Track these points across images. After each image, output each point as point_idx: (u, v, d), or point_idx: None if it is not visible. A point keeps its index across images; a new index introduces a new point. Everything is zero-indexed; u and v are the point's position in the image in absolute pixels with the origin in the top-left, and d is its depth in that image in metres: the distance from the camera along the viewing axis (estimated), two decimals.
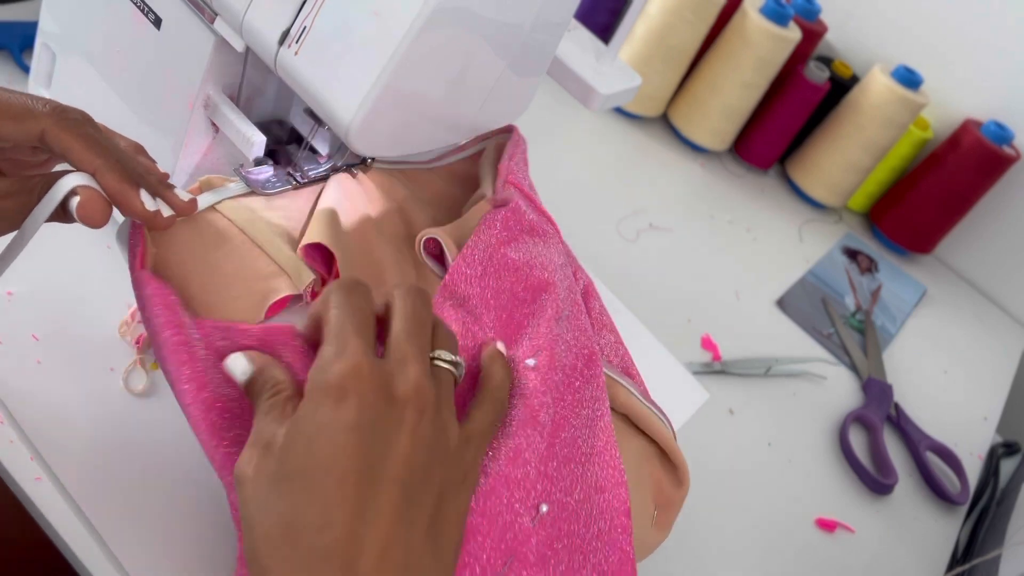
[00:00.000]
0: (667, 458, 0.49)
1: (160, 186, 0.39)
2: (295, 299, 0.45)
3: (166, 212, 0.39)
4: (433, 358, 0.35)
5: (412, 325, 0.34)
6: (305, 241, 0.45)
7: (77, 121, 0.37)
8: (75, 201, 0.36)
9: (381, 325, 0.36)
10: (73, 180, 0.36)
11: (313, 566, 0.29)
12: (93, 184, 0.36)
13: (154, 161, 0.41)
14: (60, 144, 0.36)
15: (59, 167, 0.39)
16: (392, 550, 0.30)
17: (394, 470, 0.31)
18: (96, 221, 0.36)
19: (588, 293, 0.54)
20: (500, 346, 0.42)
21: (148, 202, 0.37)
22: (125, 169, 0.37)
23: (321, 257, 0.46)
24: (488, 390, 0.38)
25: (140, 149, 0.41)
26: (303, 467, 0.30)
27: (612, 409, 0.48)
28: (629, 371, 0.51)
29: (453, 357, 0.36)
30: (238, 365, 0.35)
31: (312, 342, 0.36)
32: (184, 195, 0.40)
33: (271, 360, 0.35)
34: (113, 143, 0.38)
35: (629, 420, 0.49)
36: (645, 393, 0.50)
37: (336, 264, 0.46)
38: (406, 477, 0.31)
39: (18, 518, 0.44)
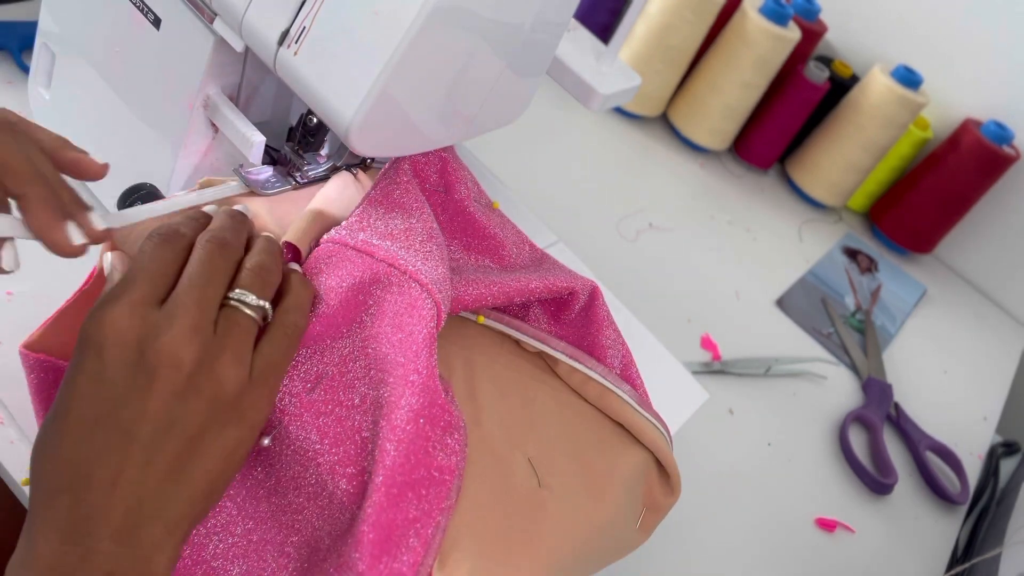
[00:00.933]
0: (662, 465, 0.49)
1: (74, 206, 0.36)
2: None
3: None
4: (228, 299, 0.35)
5: (198, 271, 0.35)
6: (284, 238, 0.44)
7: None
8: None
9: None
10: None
11: (53, 493, 0.32)
12: (14, 229, 0.35)
13: (84, 152, 0.38)
14: None
15: None
16: (123, 488, 0.32)
17: (135, 424, 0.32)
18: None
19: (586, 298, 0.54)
20: (295, 267, 0.40)
21: (75, 235, 0.36)
22: (54, 198, 0.35)
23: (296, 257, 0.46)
24: (277, 315, 0.36)
25: (66, 143, 0.38)
26: (59, 406, 0.33)
27: (609, 418, 0.48)
28: (628, 373, 0.51)
29: (256, 301, 0.35)
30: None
31: None
32: (98, 222, 0.37)
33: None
34: (28, 160, 0.35)
35: (626, 430, 0.48)
36: (644, 398, 0.50)
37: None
38: (147, 430, 0.33)
39: (18, 518, 0.44)
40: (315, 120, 0.49)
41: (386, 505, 0.36)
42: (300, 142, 0.50)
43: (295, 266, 0.40)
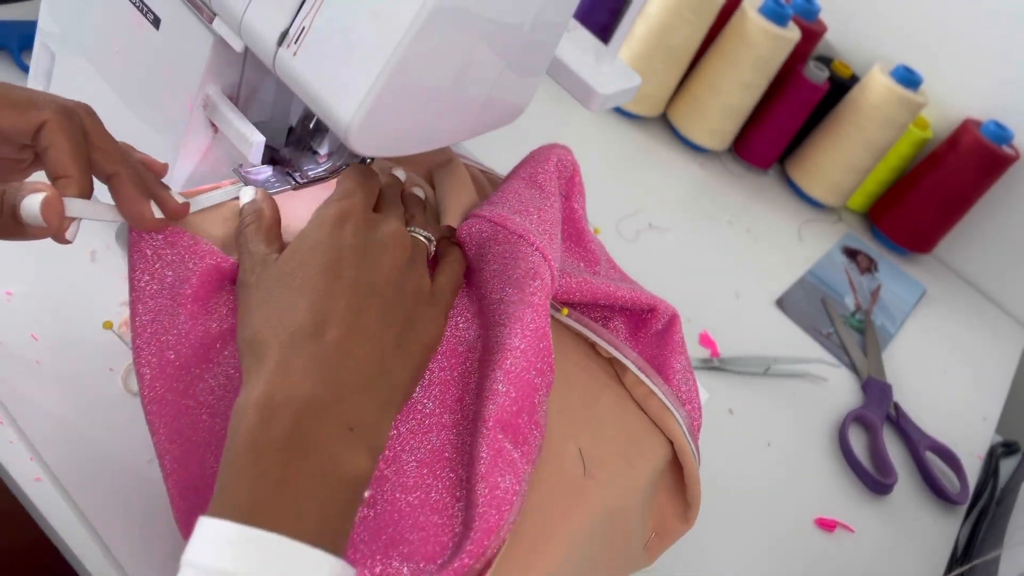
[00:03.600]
0: (682, 491, 0.50)
1: (157, 187, 0.40)
2: None
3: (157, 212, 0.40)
4: (411, 228, 0.44)
5: (389, 205, 0.45)
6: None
7: (78, 121, 0.37)
8: (37, 199, 0.35)
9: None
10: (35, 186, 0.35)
11: (300, 339, 0.35)
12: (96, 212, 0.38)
13: (147, 156, 0.42)
14: (52, 140, 0.36)
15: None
16: (369, 339, 0.37)
17: (378, 282, 0.38)
18: (57, 223, 0.36)
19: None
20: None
21: (157, 211, 0.40)
22: (140, 179, 0.39)
23: None
24: (445, 262, 0.45)
25: (132, 148, 0.42)
26: (302, 269, 0.38)
27: (663, 434, 0.50)
28: (691, 403, 0.52)
29: (428, 234, 0.45)
30: (247, 193, 0.44)
31: None
32: (178, 198, 0.41)
33: (267, 202, 0.43)
34: (117, 146, 0.39)
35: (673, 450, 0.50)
36: (694, 427, 0.52)
37: None
38: (386, 291, 0.39)
39: (18, 518, 0.44)
40: (315, 120, 0.49)
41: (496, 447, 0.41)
42: (299, 142, 0.50)
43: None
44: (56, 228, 0.36)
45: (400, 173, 0.51)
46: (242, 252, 0.41)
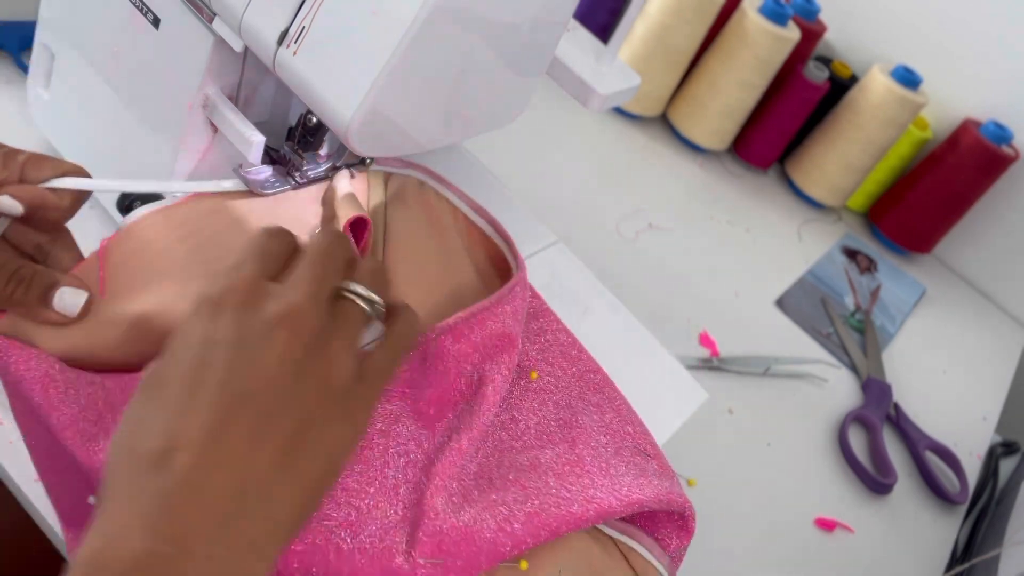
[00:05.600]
0: None
1: (37, 306, 0.36)
2: None
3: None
4: (342, 289, 0.34)
5: (317, 256, 0.34)
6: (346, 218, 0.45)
7: None
8: (83, 297, 0.36)
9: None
10: None
11: (144, 469, 0.28)
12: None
13: (79, 167, 0.38)
14: None
15: None
16: (231, 466, 0.29)
17: (252, 386, 0.30)
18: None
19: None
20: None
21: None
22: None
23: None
24: (391, 333, 0.36)
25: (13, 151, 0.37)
26: (167, 375, 0.30)
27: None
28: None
29: (368, 294, 0.34)
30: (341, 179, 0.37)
31: None
32: (78, 296, 0.37)
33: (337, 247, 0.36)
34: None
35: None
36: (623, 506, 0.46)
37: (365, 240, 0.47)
38: (264, 396, 0.30)
39: (17, 519, 0.44)
40: (314, 120, 0.49)
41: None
42: (299, 142, 0.50)
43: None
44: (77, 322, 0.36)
45: (354, 188, 0.44)
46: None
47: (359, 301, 0.34)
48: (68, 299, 0.35)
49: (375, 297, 0.35)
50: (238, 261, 0.34)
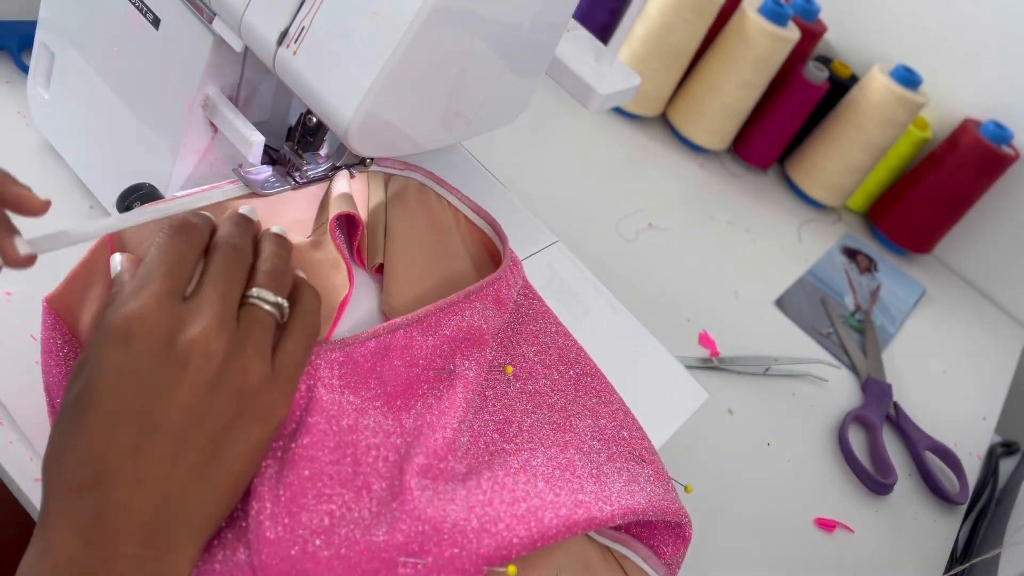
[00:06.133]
0: None
1: (3, 231, 0.35)
2: None
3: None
4: (247, 297, 0.36)
5: (220, 266, 0.36)
6: (334, 211, 0.45)
7: None
8: None
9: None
10: None
11: (75, 491, 0.31)
12: None
13: (28, 188, 0.36)
14: None
15: None
16: (151, 483, 0.32)
17: (165, 416, 0.32)
18: None
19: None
20: (300, 273, 0.41)
21: (22, 246, 0.35)
22: None
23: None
24: (295, 317, 0.38)
25: (9, 177, 0.36)
26: (86, 403, 0.32)
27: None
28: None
29: (273, 298, 0.36)
30: (114, 260, 0.37)
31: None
32: (22, 247, 0.35)
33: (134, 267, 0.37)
34: None
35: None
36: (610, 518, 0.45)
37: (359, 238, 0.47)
38: (177, 424, 0.32)
39: (17, 519, 0.44)
40: (314, 120, 0.49)
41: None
42: (299, 142, 0.50)
43: (300, 273, 0.41)
44: None
45: (250, 210, 0.43)
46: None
47: (265, 306, 0.36)
48: None
49: (279, 300, 0.37)
50: (144, 273, 0.35)
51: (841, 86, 1.06)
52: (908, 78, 0.99)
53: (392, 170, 0.54)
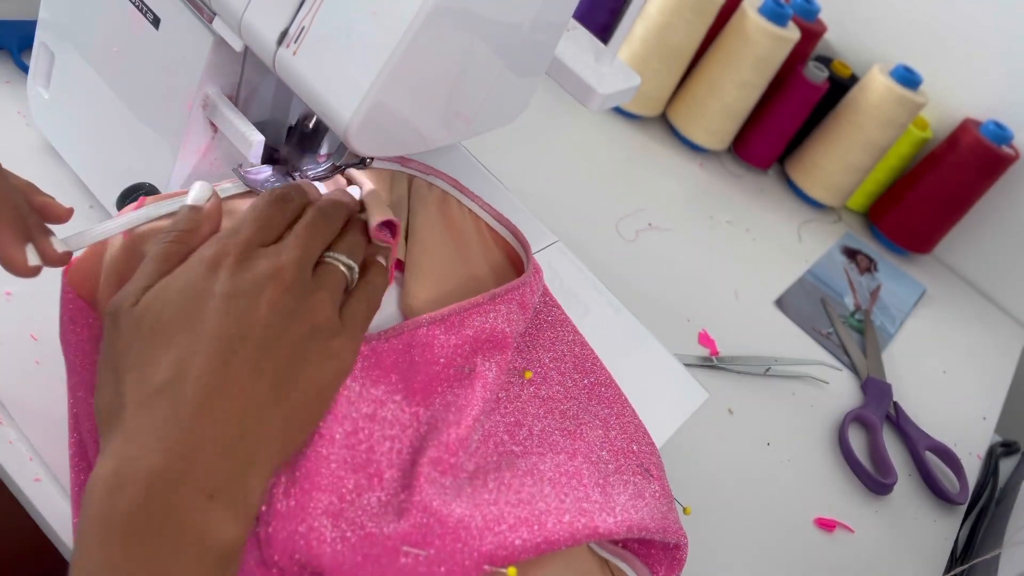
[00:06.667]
0: None
1: (39, 232, 0.38)
2: None
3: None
4: (324, 256, 0.40)
5: (306, 227, 0.39)
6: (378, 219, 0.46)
7: None
8: None
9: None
10: None
11: (156, 398, 0.33)
12: None
13: (51, 197, 0.40)
14: None
15: None
16: (233, 394, 0.33)
17: (247, 329, 0.35)
18: None
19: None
20: (381, 258, 0.44)
21: (32, 257, 0.37)
22: (21, 222, 0.37)
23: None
24: (361, 284, 0.41)
25: (34, 187, 0.39)
26: (164, 319, 0.34)
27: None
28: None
29: (347, 260, 0.40)
30: (192, 191, 0.40)
31: None
32: (58, 246, 0.38)
33: (198, 217, 0.39)
34: (9, 187, 0.37)
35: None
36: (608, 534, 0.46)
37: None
38: (259, 337, 0.35)
39: (17, 519, 0.44)
40: (314, 120, 0.49)
41: None
42: (299, 142, 0.50)
43: (382, 259, 0.44)
44: None
45: (357, 192, 0.47)
46: (138, 272, 0.37)
47: (339, 265, 0.40)
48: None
49: (352, 263, 0.40)
50: (236, 225, 0.38)
51: (841, 86, 1.06)
52: (908, 78, 0.99)
53: (417, 172, 0.54)
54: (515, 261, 0.55)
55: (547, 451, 0.46)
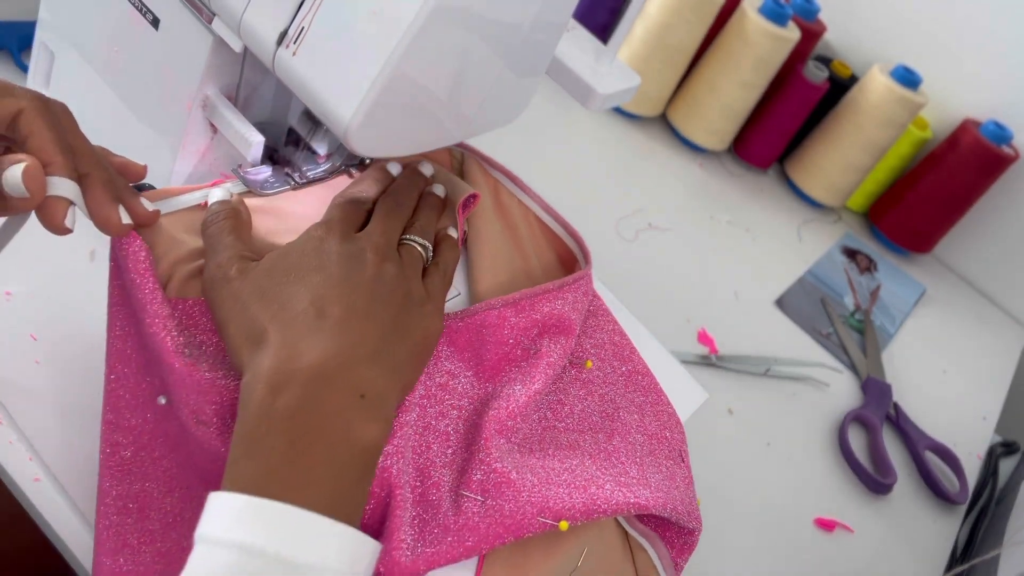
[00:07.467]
0: None
1: (127, 192, 0.39)
2: None
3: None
4: (403, 238, 0.45)
5: (383, 215, 0.45)
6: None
7: (56, 113, 0.36)
8: (19, 168, 0.33)
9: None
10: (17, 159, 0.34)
11: (302, 318, 0.37)
12: (77, 197, 0.37)
13: (125, 157, 0.42)
14: (32, 128, 0.35)
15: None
16: (365, 320, 0.38)
17: (364, 280, 0.39)
18: (39, 192, 0.35)
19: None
20: (452, 231, 0.49)
21: (125, 216, 0.39)
22: (112, 183, 0.38)
23: None
24: (436, 261, 0.46)
25: (108, 151, 0.41)
26: (295, 268, 0.39)
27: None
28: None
29: (423, 241, 0.45)
30: (215, 193, 0.44)
31: None
32: (148, 205, 0.40)
33: (243, 204, 0.44)
34: (91, 148, 0.38)
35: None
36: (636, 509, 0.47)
37: None
38: (374, 287, 0.40)
39: (17, 518, 0.44)
40: (314, 120, 0.49)
41: None
42: (299, 142, 0.50)
43: (452, 232, 0.49)
44: (38, 198, 0.34)
45: (427, 168, 0.52)
46: (217, 246, 0.41)
47: (416, 246, 0.45)
48: (10, 179, 0.34)
49: (426, 242, 0.46)
50: (327, 216, 0.44)
51: (841, 86, 1.06)
52: (908, 78, 0.99)
53: (477, 157, 0.58)
54: (560, 252, 0.59)
55: (586, 430, 0.49)
